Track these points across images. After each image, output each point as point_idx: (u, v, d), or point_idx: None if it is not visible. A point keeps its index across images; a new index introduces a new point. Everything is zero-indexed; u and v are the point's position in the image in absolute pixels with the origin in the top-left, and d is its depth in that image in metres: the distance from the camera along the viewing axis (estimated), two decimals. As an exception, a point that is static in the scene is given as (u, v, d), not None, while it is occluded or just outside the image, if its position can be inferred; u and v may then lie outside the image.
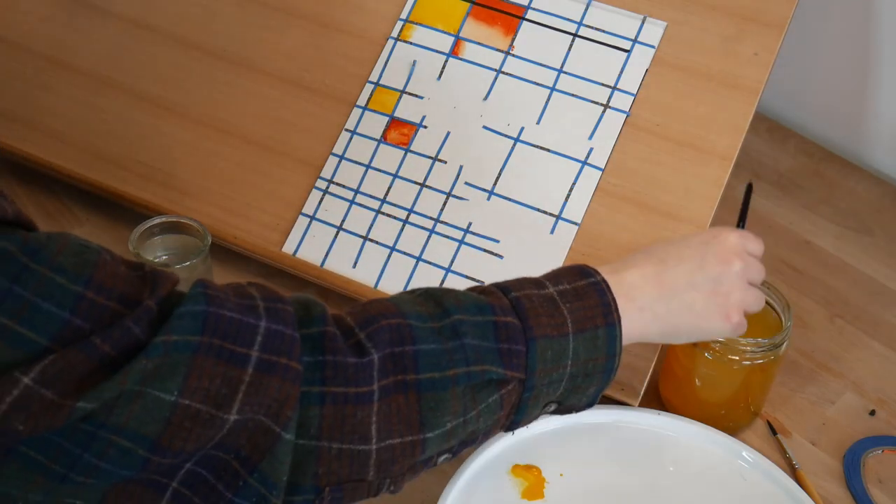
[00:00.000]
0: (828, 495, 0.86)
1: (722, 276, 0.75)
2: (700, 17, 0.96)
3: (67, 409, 0.54)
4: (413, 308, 0.67)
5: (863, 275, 1.05)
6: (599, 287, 0.71)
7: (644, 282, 0.73)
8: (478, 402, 0.66)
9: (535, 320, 0.68)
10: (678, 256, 0.75)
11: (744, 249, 0.77)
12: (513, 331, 0.67)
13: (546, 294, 0.70)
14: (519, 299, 0.69)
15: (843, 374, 0.96)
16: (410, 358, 0.64)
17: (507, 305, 0.68)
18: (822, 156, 1.19)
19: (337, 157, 1.00)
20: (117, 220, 1.04)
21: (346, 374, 0.62)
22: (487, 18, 1.01)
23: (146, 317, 0.57)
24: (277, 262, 0.98)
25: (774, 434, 0.91)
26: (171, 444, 0.57)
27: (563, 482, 0.84)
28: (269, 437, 0.60)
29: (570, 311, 0.69)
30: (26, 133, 1.06)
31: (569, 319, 0.69)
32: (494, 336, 0.67)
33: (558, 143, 0.96)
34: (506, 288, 0.70)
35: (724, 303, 0.75)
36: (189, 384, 0.57)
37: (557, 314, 0.69)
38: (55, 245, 0.57)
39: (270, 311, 0.62)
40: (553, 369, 0.68)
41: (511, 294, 0.69)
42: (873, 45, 1.13)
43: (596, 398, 0.73)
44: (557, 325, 0.68)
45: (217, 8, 1.07)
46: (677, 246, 0.76)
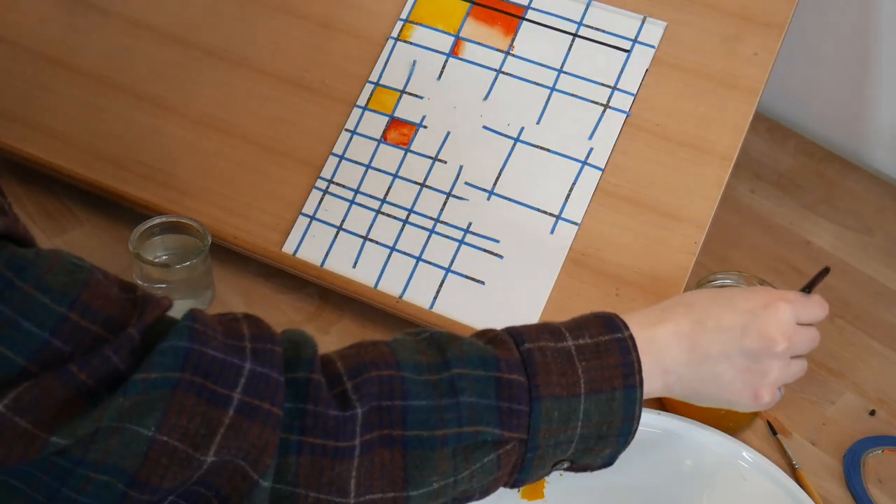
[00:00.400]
0: (828, 495, 0.86)
1: (761, 355, 0.70)
2: (700, 17, 0.96)
3: (41, 441, 0.53)
4: (412, 357, 0.64)
5: (863, 275, 1.05)
6: (624, 345, 0.67)
7: (675, 342, 0.69)
8: (471, 463, 0.63)
9: (545, 378, 0.64)
10: (719, 320, 0.70)
11: (794, 325, 0.72)
12: (517, 389, 0.64)
13: (563, 348, 0.66)
14: (531, 352, 0.65)
15: (843, 374, 0.96)
16: (398, 413, 0.61)
17: (515, 360, 0.65)
18: (822, 156, 1.18)
19: (337, 157, 1.00)
20: (117, 220, 1.04)
21: (326, 426, 0.60)
22: (487, 18, 1.01)
23: (128, 346, 0.56)
24: (277, 262, 0.98)
25: (774, 434, 0.91)
26: (149, 480, 0.56)
27: (563, 482, 0.83)
28: (246, 483, 0.58)
29: (585, 369, 0.65)
30: (26, 133, 1.06)
31: (582, 379, 0.65)
32: (496, 394, 0.63)
33: (558, 143, 0.96)
34: (520, 337, 0.66)
35: (756, 381, 0.71)
36: (168, 420, 0.56)
37: (571, 372, 0.65)
38: (45, 263, 0.56)
39: (258, 352, 0.60)
40: (560, 430, 0.65)
41: (524, 346, 0.66)
42: (873, 45, 1.13)
43: (613, 460, 0.70)
44: (569, 384, 0.65)
45: (217, 8, 1.07)
46: (722, 306, 0.71)
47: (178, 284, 0.94)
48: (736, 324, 0.70)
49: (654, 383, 0.69)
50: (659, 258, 0.91)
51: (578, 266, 0.92)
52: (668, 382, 0.70)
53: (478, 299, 0.93)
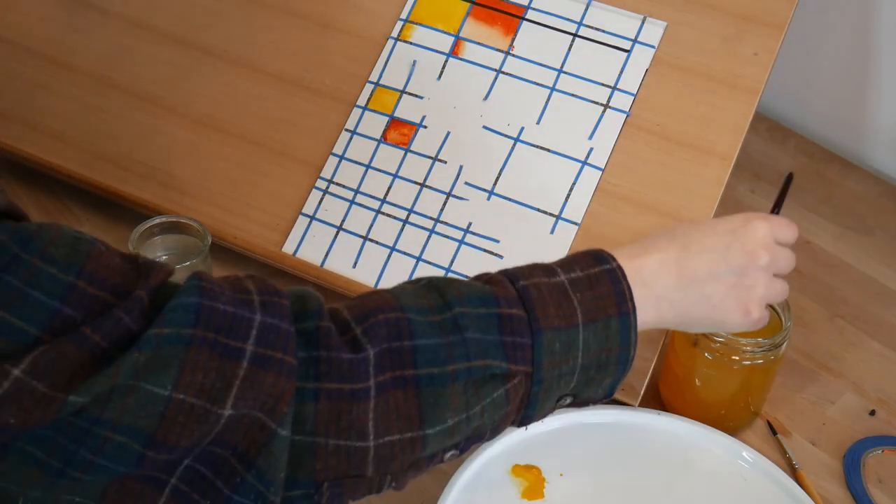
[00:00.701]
0: (828, 495, 0.86)
1: (746, 268, 0.72)
2: (700, 17, 0.96)
3: (59, 403, 0.54)
4: (414, 300, 0.65)
5: (863, 275, 1.05)
6: (614, 274, 0.69)
7: (663, 268, 0.71)
8: (482, 398, 0.65)
9: (543, 311, 0.66)
10: (701, 243, 0.72)
11: (772, 240, 0.74)
12: (518, 323, 0.65)
13: (556, 282, 0.68)
14: (527, 288, 0.67)
15: (843, 374, 0.96)
16: (408, 353, 0.63)
17: (513, 296, 0.66)
18: (822, 156, 1.18)
19: (337, 157, 1.00)
20: (117, 220, 1.04)
21: (341, 370, 0.61)
22: (487, 18, 1.01)
23: (137, 307, 0.57)
24: (277, 262, 0.98)
25: (774, 434, 0.91)
26: (167, 439, 0.57)
27: (563, 482, 0.84)
28: (264, 433, 0.59)
29: (580, 301, 0.67)
30: (26, 133, 1.06)
31: (579, 310, 0.67)
32: (498, 329, 0.65)
33: (558, 143, 0.96)
34: (514, 276, 0.68)
35: (745, 296, 0.73)
36: (183, 378, 0.57)
37: (567, 304, 0.67)
38: (47, 235, 0.57)
39: (266, 304, 0.61)
40: (562, 361, 0.66)
41: (519, 283, 0.67)
42: (873, 45, 1.13)
43: (613, 390, 0.71)
44: (566, 315, 0.66)
45: (217, 8, 1.07)
46: (703, 231, 0.73)
47: (178, 284, 0.94)
48: (719, 244, 0.72)
49: (648, 312, 0.70)
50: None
51: (578, 266, 0.92)
52: (661, 309, 0.71)
53: (478, 299, 0.93)
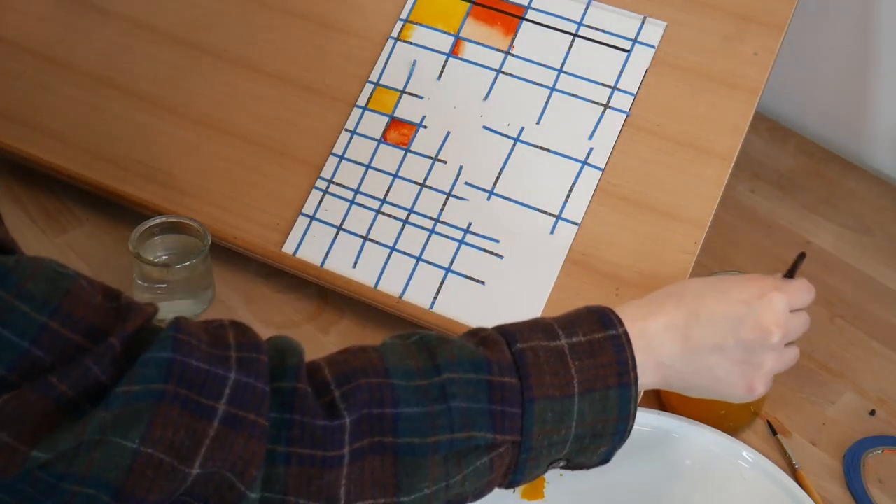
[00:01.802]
0: (828, 495, 0.86)
1: (757, 346, 0.69)
2: (700, 17, 0.96)
3: (21, 456, 0.53)
4: (401, 362, 0.63)
5: (863, 275, 1.05)
6: (618, 342, 0.66)
7: (668, 334, 0.68)
8: (463, 467, 0.63)
9: (538, 379, 0.64)
10: (712, 312, 0.69)
11: (787, 316, 0.70)
12: (509, 392, 0.63)
13: (555, 347, 0.65)
14: (523, 353, 0.64)
15: (843, 374, 0.96)
16: (389, 420, 0.61)
17: (507, 361, 0.64)
18: (823, 156, 1.18)
19: (337, 157, 1.00)
20: (117, 220, 1.04)
21: (314, 436, 0.59)
22: (487, 18, 1.01)
23: (109, 355, 0.55)
24: (277, 262, 0.98)
25: (774, 434, 0.91)
26: (135, 493, 0.56)
27: (563, 482, 0.83)
28: (234, 494, 0.58)
29: (578, 368, 0.64)
30: (26, 133, 1.06)
31: (576, 378, 0.64)
32: (488, 397, 0.62)
33: (558, 143, 0.96)
34: (512, 336, 0.66)
35: (750, 373, 0.70)
36: (152, 433, 0.55)
37: (564, 372, 0.64)
38: (26, 270, 0.56)
39: (242, 362, 0.59)
40: (554, 431, 0.64)
41: (516, 346, 0.65)
42: (873, 45, 1.13)
43: (609, 457, 0.69)
44: (562, 384, 0.64)
45: (217, 8, 1.07)
46: (715, 297, 0.70)
47: (178, 284, 0.94)
48: (730, 315, 0.69)
49: (648, 377, 0.68)
50: (659, 258, 0.91)
51: (578, 266, 0.92)
52: (663, 376, 0.69)
53: (478, 299, 0.93)
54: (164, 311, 0.96)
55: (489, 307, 0.92)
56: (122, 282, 0.98)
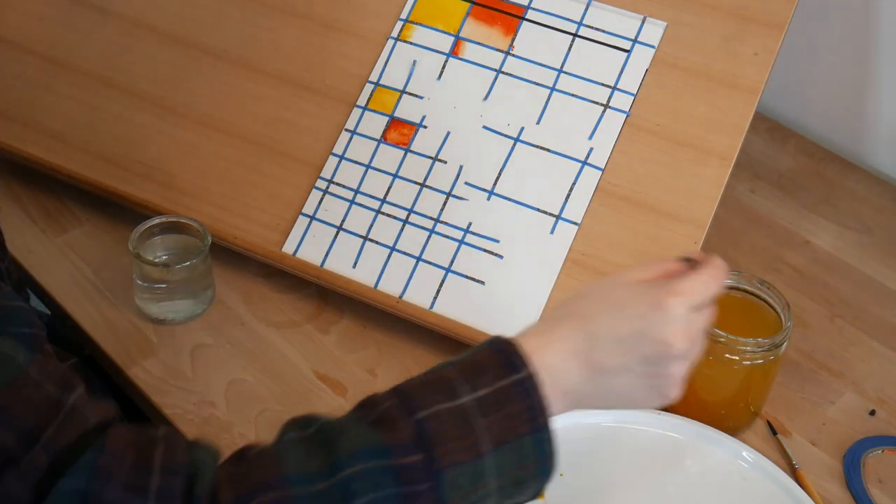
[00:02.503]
0: (828, 495, 0.86)
1: (660, 359, 0.66)
2: (700, 17, 0.96)
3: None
4: (300, 466, 0.61)
5: (863, 275, 1.05)
6: (526, 387, 0.63)
7: (572, 362, 0.66)
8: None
9: (443, 448, 0.61)
10: (611, 331, 0.66)
11: (689, 321, 0.67)
12: (416, 471, 0.60)
13: (458, 407, 0.62)
14: (424, 423, 0.61)
15: (843, 374, 0.96)
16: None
17: (408, 440, 0.61)
18: (822, 156, 1.19)
19: (337, 157, 1.00)
20: (117, 220, 1.04)
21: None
22: (487, 18, 1.01)
23: (32, 476, 0.54)
24: (277, 262, 0.98)
25: (774, 434, 0.91)
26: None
27: (563, 482, 0.83)
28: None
29: (487, 426, 0.62)
30: (26, 133, 1.06)
31: (486, 437, 0.62)
32: (395, 481, 0.60)
33: (558, 143, 0.96)
34: (411, 405, 0.62)
35: (661, 384, 0.67)
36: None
37: (471, 433, 0.61)
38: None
39: (162, 492, 0.57)
40: (472, 491, 0.62)
41: (416, 415, 0.61)
42: (873, 45, 1.13)
43: (539, 492, 0.66)
44: (471, 446, 0.61)
45: (217, 8, 1.07)
46: (612, 315, 0.67)
47: (178, 284, 0.94)
48: (629, 332, 0.66)
49: (558, 407, 0.66)
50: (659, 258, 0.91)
51: (578, 266, 0.92)
52: (572, 401, 0.67)
53: (478, 299, 0.93)
54: (165, 311, 0.96)
55: (489, 307, 0.92)
56: (123, 282, 0.98)
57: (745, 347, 0.84)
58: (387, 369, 0.94)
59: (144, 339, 0.95)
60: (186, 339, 0.95)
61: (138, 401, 0.92)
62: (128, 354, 0.94)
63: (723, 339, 0.84)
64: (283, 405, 0.90)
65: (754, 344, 0.84)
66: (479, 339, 0.91)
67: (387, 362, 0.95)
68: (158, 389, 0.91)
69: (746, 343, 0.84)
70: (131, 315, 0.97)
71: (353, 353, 0.95)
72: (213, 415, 0.89)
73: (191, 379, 0.92)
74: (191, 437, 0.86)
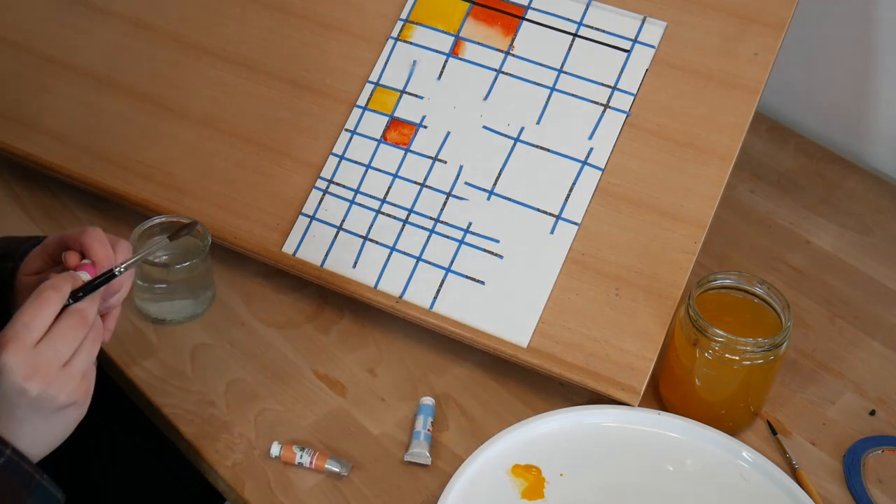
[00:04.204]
0: (828, 495, 0.86)
1: (35, 405, 0.67)
2: (700, 17, 0.96)
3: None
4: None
5: (863, 275, 1.05)
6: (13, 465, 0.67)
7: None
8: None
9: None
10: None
11: (32, 362, 0.67)
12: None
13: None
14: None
15: (843, 374, 0.96)
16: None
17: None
18: (822, 156, 1.19)
19: (337, 157, 1.00)
20: (117, 220, 1.04)
21: None
22: (487, 18, 1.01)
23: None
24: (277, 262, 0.98)
25: (774, 434, 0.91)
26: None
27: (563, 482, 0.84)
28: None
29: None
30: (26, 133, 1.06)
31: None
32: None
33: (558, 143, 0.96)
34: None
35: (67, 412, 0.69)
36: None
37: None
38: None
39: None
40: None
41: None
42: (873, 45, 1.13)
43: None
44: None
45: (217, 8, 1.07)
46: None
47: (178, 284, 0.94)
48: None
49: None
50: (659, 258, 0.91)
51: (578, 266, 0.92)
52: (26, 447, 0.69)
53: (478, 299, 0.93)
54: (165, 310, 0.96)
55: (489, 307, 0.92)
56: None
57: (745, 347, 0.84)
58: (387, 369, 0.94)
59: (144, 339, 0.95)
60: (186, 339, 0.95)
61: (138, 401, 0.92)
62: (128, 354, 0.94)
63: (723, 339, 0.84)
64: (283, 405, 0.90)
65: (754, 344, 0.84)
66: (479, 339, 0.91)
67: (387, 362, 0.95)
68: (158, 389, 0.91)
69: (746, 343, 0.84)
70: (131, 315, 0.97)
71: (353, 353, 0.95)
72: (213, 415, 0.89)
73: (191, 379, 0.92)
74: (191, 437, 0.87)
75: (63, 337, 0.69)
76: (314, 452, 0.86)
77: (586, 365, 0.89)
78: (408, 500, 0.84)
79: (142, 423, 0.95)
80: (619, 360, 0.89)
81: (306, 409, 0.90)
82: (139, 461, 1.03)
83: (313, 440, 0.88)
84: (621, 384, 0.88)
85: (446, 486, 0.82)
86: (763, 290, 0.88)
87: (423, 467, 0.86)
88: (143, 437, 1.00)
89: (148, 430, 0.94)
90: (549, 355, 0.90)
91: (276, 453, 0.86)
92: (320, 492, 0.84)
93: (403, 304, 0.94)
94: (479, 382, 0.93)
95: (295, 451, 0.85)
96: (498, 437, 0.85)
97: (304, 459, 0.85)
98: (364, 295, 0.95)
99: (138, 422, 0.95)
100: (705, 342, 0.85)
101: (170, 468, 1.01)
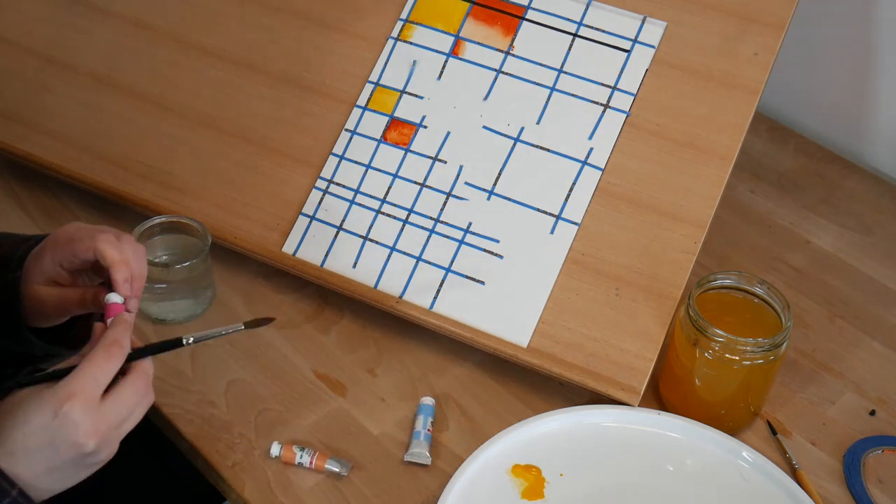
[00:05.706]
0: (828, 495, 0.86)
1: (81, 457, 0.68)
2: (700, 17, 0.96)
3: None
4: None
5: (863, 275, 1.05)
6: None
7: (3, 480, 0.66)
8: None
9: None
10: (25, 446, 0.67)
11: (94, 418, 0.68)
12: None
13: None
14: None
15: (843, 374, 0.96)
16: None
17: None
18: (822, 156, 1.19)
19: (337, 157, 1.00)
20: (117, 220, 1.04)
21: None
22: (487, 18, 1.01)
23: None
24: (277, 262, 0.98)
25: (774, 434, 0.91)
26: None
27: (563, 482, 0.84)
28: None
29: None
30: (26, 133, 1.06)
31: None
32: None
33: (558, 143, 0.96)
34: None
35: (96, 462, 0.70)
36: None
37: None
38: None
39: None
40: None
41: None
42: (873, 45, 1.13)
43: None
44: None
45: (217, 8, 1.07)
46: (21, 430, 0.67)
47: (179, 284, 0.94)
48: (42, 442, 0.67)
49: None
50: (659, 258, 0.91)
51: (578, 266, 0.92)
52: (38, 497, 0.68)
53: (478, 299, 0.93)
54: (164, 310, 0.96)
55: (489, 307, 0.92)
56: (122, 282, 0.98)
57: (745, 347, 0.84)
58: (387, 369, 0.94)
59: (144, 339, 0.95)
60: (186, 339, 0.95)
61: (138, 401, 0.92)
62: (128, 354, 0.94)
63: (723, 339, 0.84)
64: (283, 405, 0.90)
65: (754, 344, 0.84)
66: (479, 339, 0.91)
67: (387, 362, 0.95)
68: (158, 389, 0.91)
69: (746, 343, 0.84)
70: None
71: (353, 353, 0.95)
72: (213, 415, 0.89)
73: (191, 379, 0.92)
74: (191, 437, 0.87)
75: (127, 401, 0.70)
76: (314, 452, 0.86)
77: (586, 365, 0.89)
78: (408, 500, 0.84)
79: (142, 423, 0.94)
80: (619, 360, 0.89)
81: (306, 409, 0.90)
82: (139, 461, 1.03)
83: (313, 440, 0.88)
84: (621, 384, 0.88)
85: (446, 486, 0.82)
86: (763, 290, 0.88)
87: (423, 467, 0.86)
88: (142, 437, 1.00)
89: (148, 430, 0.94)
90: (549, 355, 0.90)
91: (276, 453, 0.86)
92: (320, 492, 0.84)
93: (403, 304, 0.94)
94: (479, 382, 0.93)
95: (295, 451, 0.85)
96: (498, 437, 0.85)
97: (304, 459, 0.85)
98: (364, 295, 0.95)
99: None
100: (705, 342, 0.85)
101: (170, 468, 1.01)
